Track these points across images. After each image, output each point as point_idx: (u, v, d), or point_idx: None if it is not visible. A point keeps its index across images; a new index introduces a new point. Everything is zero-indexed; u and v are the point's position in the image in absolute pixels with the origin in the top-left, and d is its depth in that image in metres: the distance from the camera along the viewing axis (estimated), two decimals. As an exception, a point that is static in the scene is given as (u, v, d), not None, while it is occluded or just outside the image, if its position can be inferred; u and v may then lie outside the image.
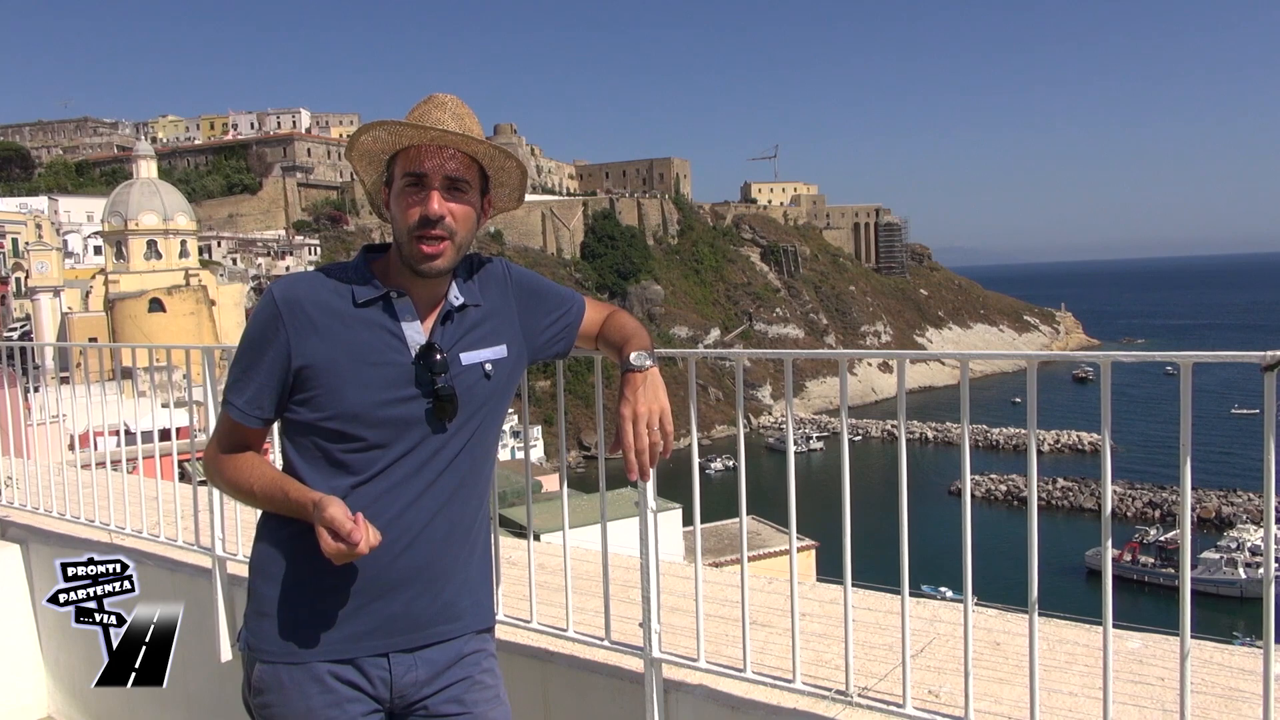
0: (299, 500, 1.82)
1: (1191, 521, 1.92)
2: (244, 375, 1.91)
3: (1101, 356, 1.93)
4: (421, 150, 1.85)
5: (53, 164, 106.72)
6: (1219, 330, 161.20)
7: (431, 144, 1.85)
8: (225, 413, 1.94)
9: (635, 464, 1.91)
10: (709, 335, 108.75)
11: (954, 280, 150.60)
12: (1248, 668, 2.50)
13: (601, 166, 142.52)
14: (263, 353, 1.87)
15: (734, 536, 20.64)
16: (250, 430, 1.93)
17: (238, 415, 1.91)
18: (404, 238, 1.87)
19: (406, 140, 1.86)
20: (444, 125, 1.84)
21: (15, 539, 4.69)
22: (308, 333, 1.84)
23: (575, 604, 2.73)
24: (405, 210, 1.86)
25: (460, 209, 1.88)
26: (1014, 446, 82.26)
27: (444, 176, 1.86)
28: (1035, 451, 2.10)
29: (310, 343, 1.84)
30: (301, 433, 1.88)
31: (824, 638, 2.83)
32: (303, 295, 1.88)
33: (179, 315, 54.27)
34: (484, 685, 1.99)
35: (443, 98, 1.89)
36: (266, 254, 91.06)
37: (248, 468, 1.94)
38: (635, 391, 1.94)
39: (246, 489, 1.92)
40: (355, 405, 1.82)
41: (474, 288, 2.00)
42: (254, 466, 1.94)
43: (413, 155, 1.86)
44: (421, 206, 1.85)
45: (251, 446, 1.96)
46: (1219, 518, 56.50)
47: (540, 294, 2.11)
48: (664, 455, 1.95)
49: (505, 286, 2.06)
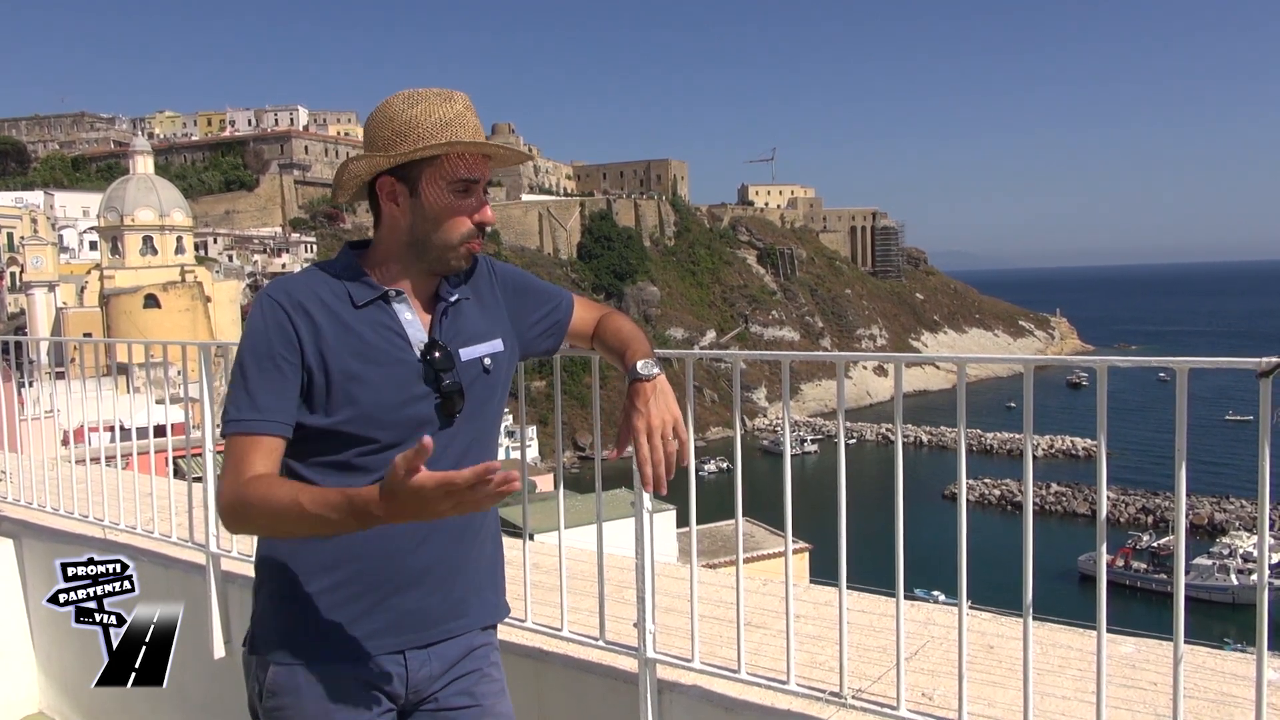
0: (363, 497, 1.54)
1: (1185, 527, 1.92)
2: (260, 382, 1.76)
3: (1098, 361, 1.93)
4: (473, 156, 1.85)
5: (49, 158, 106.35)
6: (1212, 337, 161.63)
7: (479, 151, 1.85)
8: (237, 436, 1.74)
9: (652, 477, 1.86)
10: (705, 337, 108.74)
11: (949, 284, 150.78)
12: (1240, 673, 2.51)
13: (599, 167, 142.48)
14: (275, 356, 1.77)
15: (727, 538, 20.63)
16: (270, 445, 1.75)
17: (261, 427, 1.74)
18: (451, 243, 1.86)
19: (463, 148, 1.83)
20: (481, 131, 1.86)
21: (8, 534, 4.68)
22: (316, 335, 1.80)
23: (570, 604, 2.74)
24: (456, 216, 1.85)
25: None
26: (1008, 451, 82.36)
27: (485, 182, 1.89)
28: (1031, 455, 2.11)
29: (321, 346, 1.80)
30: (310, 439, 1.81)
31: (818, 640, 2.83)
32: (304, 298, 1.83)
33: (174, 311, 54.15)
34: (492, 679, 1.99)
35: (463, 97, 1.87)
36: (263, 251, 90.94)
37: (286, 486, 1.68)
38: (646, 402, 1.89)
39: (293, 508, 1.61)
40: (371, 407, 1.80)
41: (462, 283, 2.00)
42: (290, 484, 1.70)
43: (461, 161, 1.84)
44: (477, 214, 1.87)
45: (270, 468, 1.73)
46: (1212, 524, 56.61)
47: (526, 290, 2.11)
48: (681, 464, 1.92)
49: (491, 282, 2.06)
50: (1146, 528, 57.81)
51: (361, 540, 1.83)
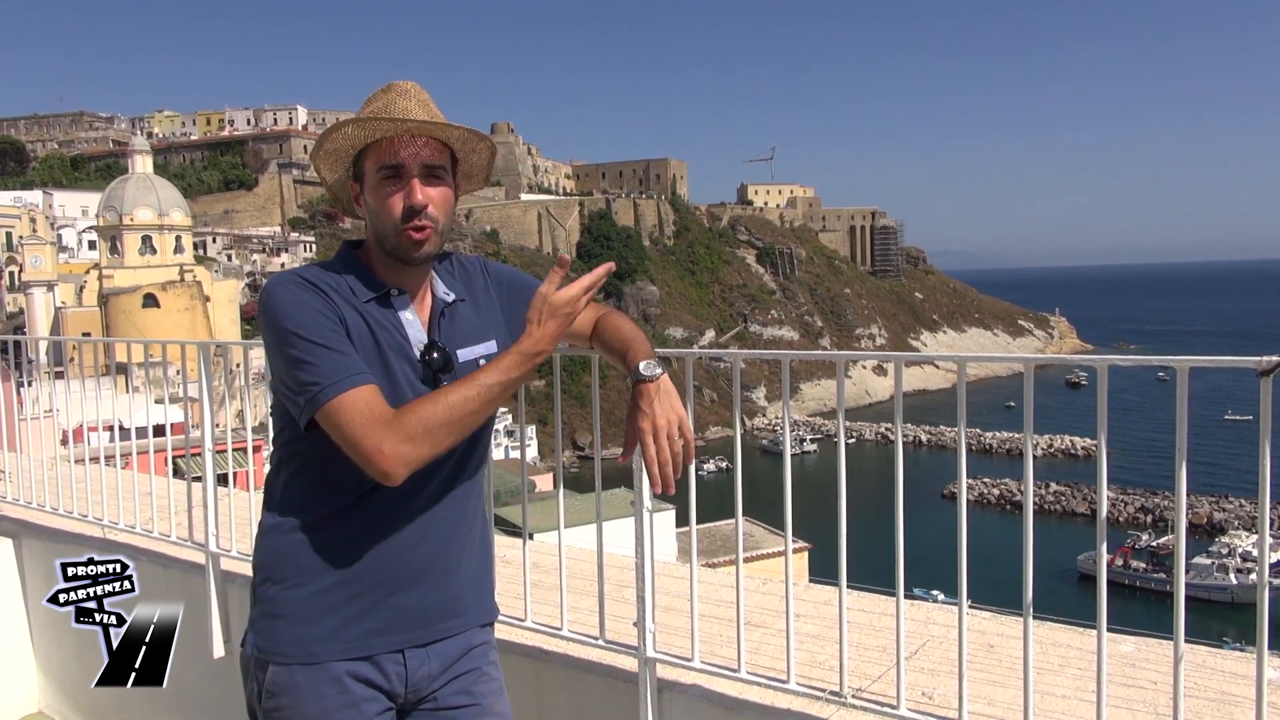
0: (523, 342, 1.82)
1: (1186, 526, 1.92)
2: (335, 341, 1.76)
3: (1099, 360, 1.93)
4: (396, 141, 1.84)
5: (48, 158, 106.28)
6: (1209, 336, 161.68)
7: (404, 134, 1.84)
8: (350, 393, 1.72)
9: (660, 477, 1.86)
10: (704, 337, 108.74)
11: (949, 284, 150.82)
12: (1240, 672, 2.51)
13: (598, 167, 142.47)
14: (328, 323, 1.77)
15: (727, 538, 20.62)
16: (376, 390, 1.76)
17: (362, 379, 1.74)
18: (388, 230, 1.86)
19: (382, 133, 1.85)
20: (412, 114, 1.83)
21: (8, 533, 4.67)
22: (343, 318, 1.82)
23: (570, 603, 2.73)
24: (386, 202, 1.85)
25: (439, 194, 1.88)
26: (1007, 450, 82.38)
27: (421, 165, 1.85)
28: (1031, 454, 2.11)
29: (349, 329, 1.81)
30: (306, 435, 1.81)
31: (817, 639, 2.83)
32: (320, 283, 1.83)
33: (173, 311, 54.13)
34: (490, 677, 2.01)
35: (404, 85, 1.88)
36: (262, 250, 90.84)
37: (449, 389, 1.77)
38: (650, 403, 1.88)
39: (477, 392, 1.76)
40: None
41: (457, 284, 2.01)
42: (451, 385, 1.79)
43: (386, 147, 1.85)
44: (405, 197, 1.84)
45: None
46: (1210, 523, 56.64)
47: (521, 288, 2.10)
48: (687, 463, 1.91)
49: (486, 283, 2.06)
50: (1145, 527, 57.83)
51: (360, 540, 1.84)
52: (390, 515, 1.84)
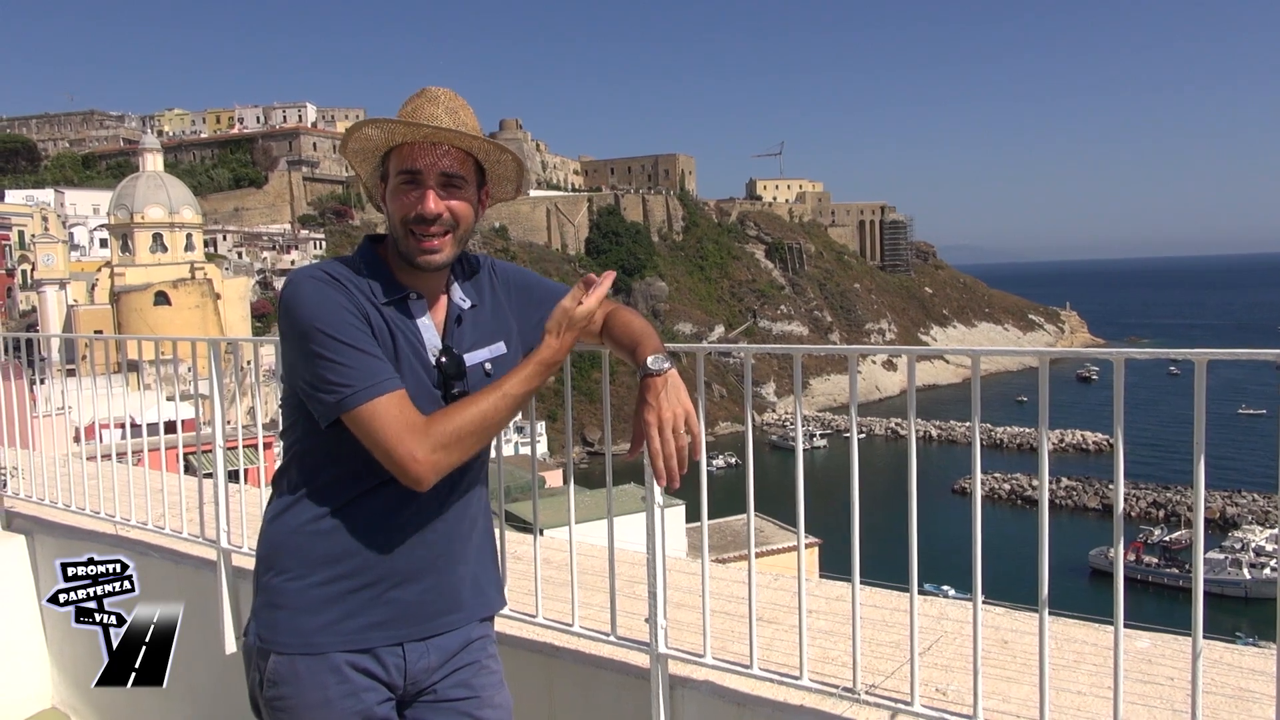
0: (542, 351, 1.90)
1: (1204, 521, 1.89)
2: (366, 343, 1.76)
3: (1115, 354, 1.90)
4: (416, 147, 1.84)
5: (59, 157, 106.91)
6: (1221, 330, 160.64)
7: (425, 140, 1.83)
8: (382, 398, 1.73)
9: (665, 471, 1.85)
10: (713, 332, 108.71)
11: (958, 278, 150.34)
12: (1258, 668, 2.49)
13: (607, 162, 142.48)
14: (354, 323, 1.77)
15: (737, 533, 20.62)
16: (405, 395, 1.78)
17: (392, 384, 1.75)
18: (399, 233, 1.87)
19: (399, 137, 1.84)
20: (437, 120, 1.82)
21: (21, 530, 4.70)
22: (367, 317, 1.82)
23: (581, 599, 2.73)
24: (400, 207, 1.85)
25: (458, 205, 1.87)
26: (1018, 445, 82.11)
27: (439, 173, 1.84)
28: (1046, 448, 2.09)
29: (373, 328, 1.82)
30: (339, 428, 1.79)
31: (830, 634, 2.81)
32: (344, 280, 1.83)
33: (184, 308, 54.29)
34: (489, 670, 2.01)
35: (436, 91, 1.87)
36: (272, 248, 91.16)
37: (478, 397, 1.81)
38: (657, 396, 1.88)
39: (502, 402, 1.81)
40: None
41: (471, 288, 2.01)
42: (478, 394, 1.83)
43: (406, 152, 1.84)
44: (417, 204, 1.83)
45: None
46: (1224, 518, 56.36)
47: (530, 288, 2.11)
48: (694, 458, 1.91)
49: (493, 283, 2.06)
50: (1157, 522, 57.61)
51: (363, 535, 1.85)
52: (394, 511, 1.85)
